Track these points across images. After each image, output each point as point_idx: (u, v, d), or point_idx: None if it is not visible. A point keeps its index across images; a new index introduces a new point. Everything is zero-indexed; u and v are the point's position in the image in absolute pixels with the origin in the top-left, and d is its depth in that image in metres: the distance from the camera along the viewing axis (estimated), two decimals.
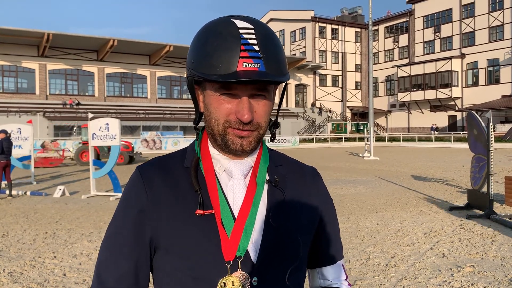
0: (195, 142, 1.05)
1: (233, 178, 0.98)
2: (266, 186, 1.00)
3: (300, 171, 1.09)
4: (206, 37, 0.92)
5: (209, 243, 0.92)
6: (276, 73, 0.90)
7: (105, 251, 0.99)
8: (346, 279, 1.11)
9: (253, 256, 0.93)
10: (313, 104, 56.67)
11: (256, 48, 0.89)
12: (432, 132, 46.75)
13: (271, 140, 1.06)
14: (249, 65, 0.87)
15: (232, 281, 0.90)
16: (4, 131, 11.19)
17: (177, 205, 0.95)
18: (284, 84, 1.01)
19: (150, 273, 1.01)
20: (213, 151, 1.01)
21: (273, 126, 1.05)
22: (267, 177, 1.01)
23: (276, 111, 1.09)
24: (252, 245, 0.94)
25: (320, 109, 55.82)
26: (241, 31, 0.90)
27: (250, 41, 0.89)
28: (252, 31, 0.90)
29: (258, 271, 0.93)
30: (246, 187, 0.98)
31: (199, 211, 0.93)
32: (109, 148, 22.27)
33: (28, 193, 11.33)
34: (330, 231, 1.10)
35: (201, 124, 1.05)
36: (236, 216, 0.94)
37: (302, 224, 1.01)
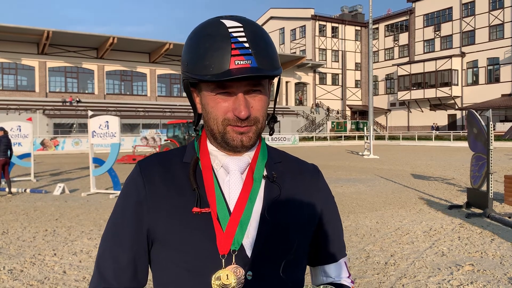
0: (194, 139, 1.07)
1: (230, 173, 0.99)
2: (263, 182, 1.01)
3: (299, 168, 1.10)
4: (197, 40, 0.94)
5: (205, 237, 0.93)
6: (268, 67, 0.92)
7: (104, 244, 1.01)
8: (349, 277, 1.12)
9: (248, 250, 0.94)
10: (318, 105, 56.53)
11: (246, 45, 0.91)
12: (433, 131, 46.78)
13: (270, 134, 1.07)
14: (241, 62, 0.89)
15: (227, 275, 0.90)
16: (2, 129, 11.19)
17: (175, 201, 0.97)
18: (278, 78, 1.03)
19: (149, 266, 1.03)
20: (211, 147, 1.02)
21: (271, 120, 1.06)
22: (265, 173, 1.02)
23: (273, 106, 1.10)
24: (248, 240, 0.95)
25: (328, 110, 55.83)
26: (230, 30, 0.92)
27: (240, 39, 0.91)
28: (241, 29, 0.92)
29: (253, 265, 0.94)
30: (242, 182, 0.99)
31: (196, 209, 0.94)
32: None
33: (28, 190, 11.33)
34: (331, 228, 1.10)
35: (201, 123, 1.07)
36: (231, 211, 0.96)
37: (300, 220, 1.02)
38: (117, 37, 40.17)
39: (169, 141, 21.78)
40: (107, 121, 10.87)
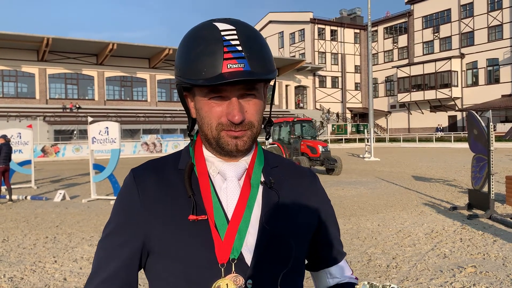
0: (189, 145, 1.05)
1: (227, 180, 0.97)
2: (261, 188, 0.99)
3: (296, 172, 1.09)
4: (190, 44, 0.93)
5: (203, 246, 0.92)
6: (261, 71, 0.90)
7: (98, 252, 1.00)
8: (352, 274, 1.13)
9: (247, 258, 0.93)
10: (329, 112, 56.39)
11: (239, 48, 0.89)
12: (438, 132, 46.68)
13: (267, 139, 1.06)
14: (234, 66, 0.88)
15: (226, 284, 0.89)
16: (4, 136, 11.21)
17: (170, 209, 0.95)
18: (273, 81, 1.02)
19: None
20: (207, 153, 1.01)
21: (268, 124, 1.05)
22: (262, 179, 1.00)
23: (269, 109, 1.08)
24: (247, 248, 0.93)
25: (337, 116, 55.77)
26: (223, 33, 0.90)
27: (233, 42, 0.89)
28: (234, 32, 0.90)
29: (253, 273, 0.92)
30: (240, 189, 0.97)
31: (192, 217, 0.92)
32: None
33: (28, 197, 11.33)
34: (331, 231, 1.10)
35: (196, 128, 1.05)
36: (229, 219, 0.94)
37: (299, 226, 1.01)
38: (116, 43, 40.25)
39: (275, 144, 17.66)
40: (107, 127, 10.86)
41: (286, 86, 54.98)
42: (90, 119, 11.51)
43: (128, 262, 0.97)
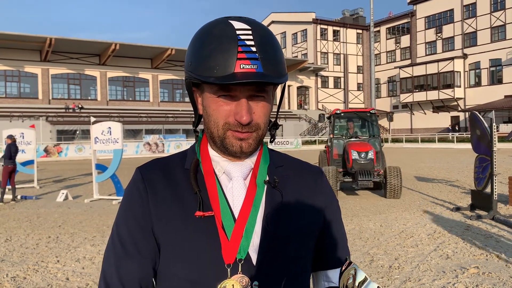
0: (195, 144, 1.04)
1: (233, 180, 0.97)
2: (265, 188, 0.98)
3: (302, 171, 1.07)
4: (204, 39, 0.91)
5: (209, 246, 0.91)
6: (274, 74, 0.89)
7: (110, 252, 0.97)
8: None
9: (254, 259, 0.92)
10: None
11: (254, 49, 0.88)
12: (450, 133, 46.45)
13: (271, 142, 1.05)
14: (247, 66, 0.87)
15: (232, 285, 0.88)
16: (11, 137, 11.29)
17: (177, 207, 0.94)
18: (283, 85, 1.01)
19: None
20: (212, 153, 1.00)
21: (273, 127, 1.04)
22: (267, 178, 0.99)
23: (276, 112, 1.08)
24: (253, 248, 0.92)
25: None
26: (238, 32, 0.89)
27: (247, 42, 0.88)
28: (250, 32, 0.89)
29: (259, 274, 0.91)
30: (246, 188, 0.96)
31: (198, 213, 0.92)
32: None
33: (19, 197, 11.37)
34: (335, 232, 1.07)
35: (201, 126, 1.05)
36: (236, 218, 0.93)
37: (304, 225, 0.99)
38: (119, 43, 40.34)
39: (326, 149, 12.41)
40: (109, 127, 10.88)
41: (289, 86, 54.97)
42: (92, 119, 11.52)
43: (144, 259, 0.94)
